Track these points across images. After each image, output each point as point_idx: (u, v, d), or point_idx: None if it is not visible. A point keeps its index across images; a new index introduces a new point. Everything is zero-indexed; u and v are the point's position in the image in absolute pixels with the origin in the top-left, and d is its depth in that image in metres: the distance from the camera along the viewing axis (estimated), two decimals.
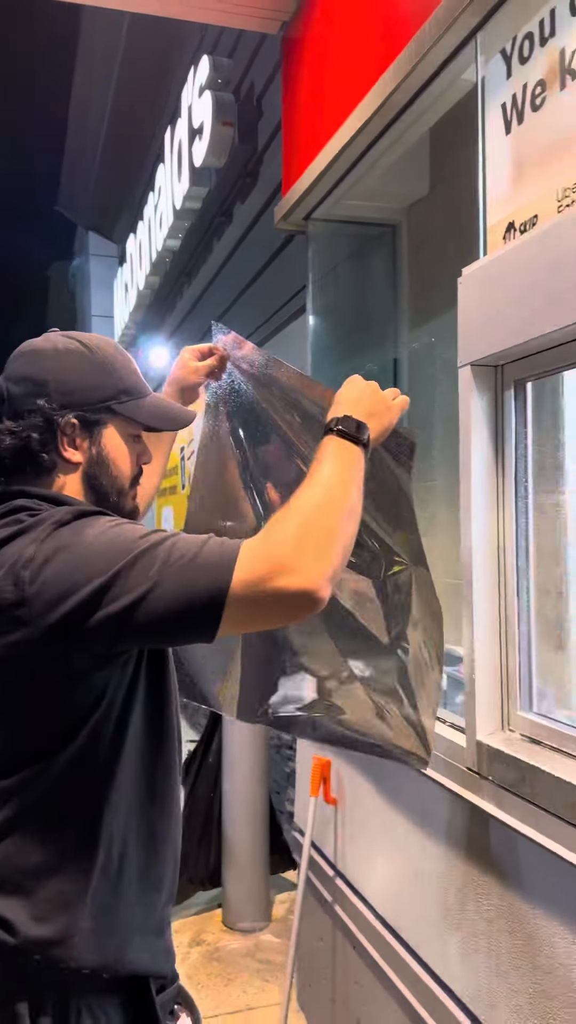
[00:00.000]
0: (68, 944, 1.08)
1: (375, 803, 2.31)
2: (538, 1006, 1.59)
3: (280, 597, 1.00)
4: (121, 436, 1.23)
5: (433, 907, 1.98)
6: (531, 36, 1.69)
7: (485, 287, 1.75)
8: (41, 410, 1.15)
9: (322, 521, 1.05)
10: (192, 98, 5.08)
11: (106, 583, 0.99)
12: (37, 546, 1.03)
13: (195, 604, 0.99)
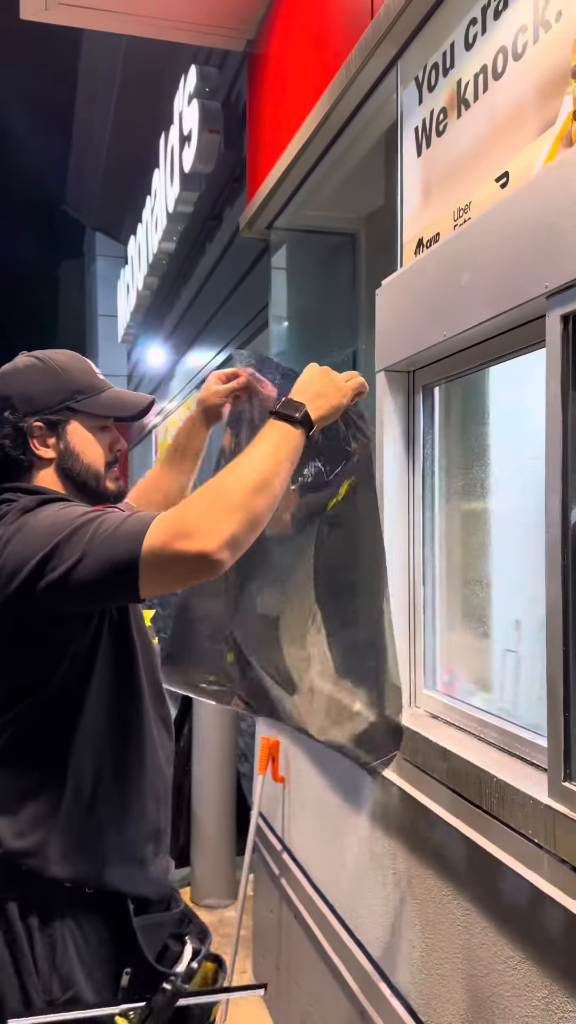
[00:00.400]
0: (43, 856, 1.28)
1: (314, 780, 2.45)
2: (428, 958, 1.74)
3: (180, 559, 1.15)
4: (86, 429, 1.42)
5: (354, 875, 2.13)
6: (437, 66, 1.83)
7: (397, 298, 1.89)
8: (8, 421, 1.36)
9: (229, 493, 1.19)
10: (182, 106, 5.23)
11: (46, 555, 1.18)
12: (5, 528, 1.24)
13: (116, 568, 1.16)
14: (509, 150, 1.56)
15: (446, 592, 1.96)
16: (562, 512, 1.30)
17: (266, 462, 1.26)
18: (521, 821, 1.38)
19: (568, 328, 1.30)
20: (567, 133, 1.38)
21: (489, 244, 1.48)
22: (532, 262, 1.35)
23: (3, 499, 1.34)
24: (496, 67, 1.61)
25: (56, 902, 1.29)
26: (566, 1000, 1.30)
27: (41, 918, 1.28)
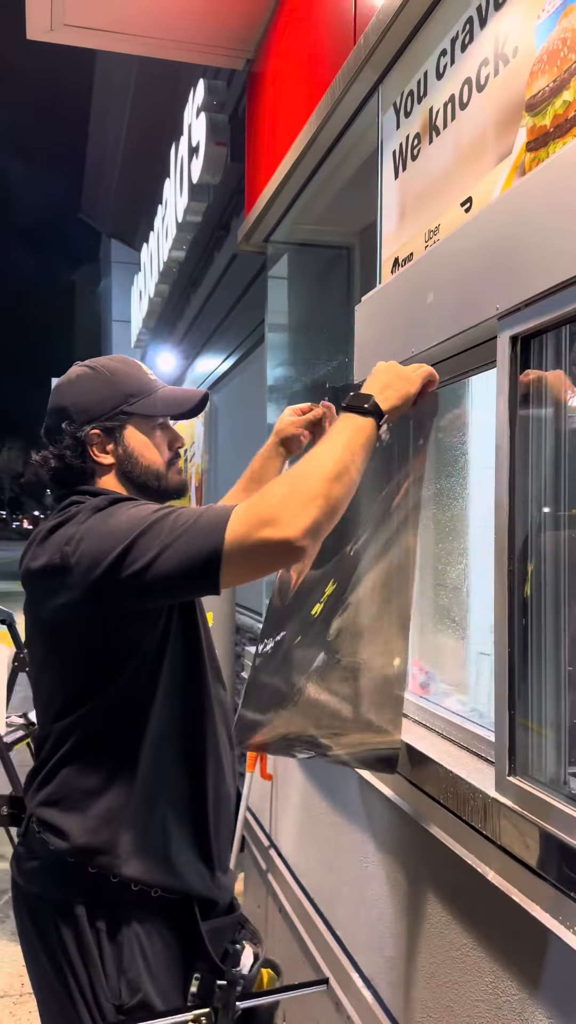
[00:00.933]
0: (113, 854, 1.27)
1: (298, 778, 2.53)
2: (394, 947, 1.81)
3: (264, 547, 1.16)
4: (142, 431, 1.44)
5: (331, 869, 2.21)
6: (412, 93, 1.91)
7: (373, 315, 1.97)
8: (67, 431, 1.40)
9: (308, 481, 1.21)
10: (191, 118, 5.34)
11: (125, 549, 1.19)
12: (77, 527, 1.27)
13: (197, 560, 1.17)
14: (473, 176, 1.64)
15: (423, 596, 2.03)
16: (508, 523, 1.37)
17: (342, 451, 1.27)
18: (470, 814, 1.45)
19: (516, 348, 1.37)
20: (521, 163, 1.46)
21: (450, 266, 1.56)
22: (487, 285, 1.43)
23: (71, 501, 1.37)
24: (463, 97, 1.69)
25: (123, 905, 1.28)
26: (510, 984, 1.37)
27: (108, 921, 1.27)
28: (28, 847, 1.37)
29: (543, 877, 1.26)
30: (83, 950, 1.27)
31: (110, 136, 9.42)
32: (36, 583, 1.34)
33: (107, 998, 1.25)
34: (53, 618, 1.31)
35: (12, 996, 2.84)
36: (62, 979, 1.29)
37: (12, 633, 3.80)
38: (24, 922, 1.37)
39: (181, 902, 1.31)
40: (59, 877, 1.31)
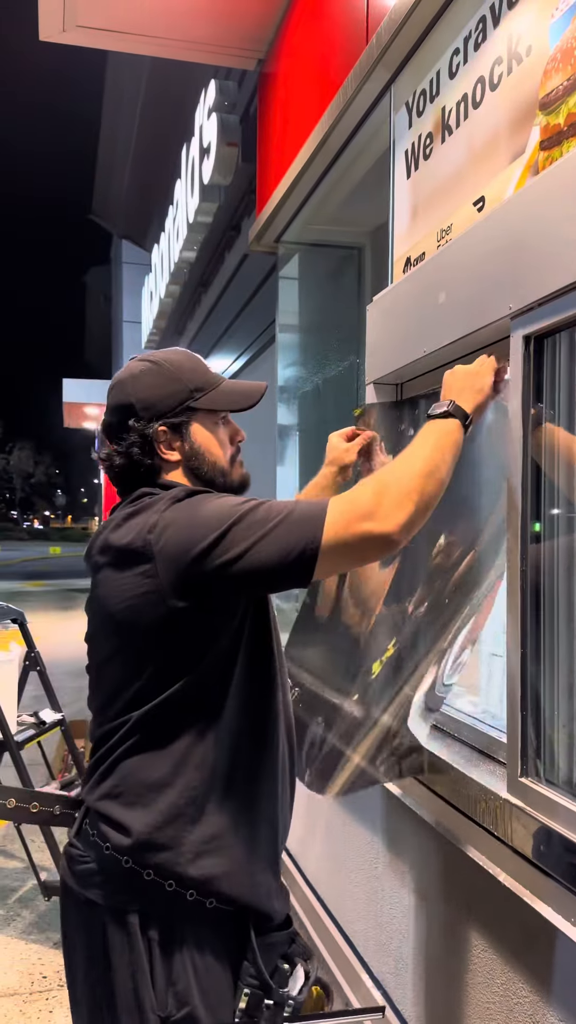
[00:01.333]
0: (176, 851, 1.23)
1: None
2: (403, 947, 1.81)
3: (363, 540, 1.17)
4: (207, 427, 1.41)
5: (340, 869, 2.20)
6: (425, 93, 1.91)
7: (385, 314, 1.97)
8: (133, 429, 1.36)
9: (401, 478, 1.22)
10: (202, 119, 5.35)
11: (217, 538, 1.18)
12: (159, 515, 1.24)
13: (294, 552, 1.16)
14: (486, 175, 1.64)
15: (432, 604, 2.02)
16: (522, 525, 1.37)
17: (431, 451, 1.28)
18: (482, 815, 1.45)
19: (530, 348, 1.37)
20: (534, 162, 1.45)
21: (463, 265, 1.55)
22: (499, 284, 1.42)
23: (142, 493, 1.35)
24: (475, 96, 1.68)
25: (177, 915, 1.24)
26: (522, 986, 1.37)
27: (161, 931, 1.24)
28: (82, 848, 1.33)
29: (555, 879, 1.25)
30: (133, 958, 1.24)
31: (121, 136, 9.45)
32: (110, 570, 1.31)
33: (152, 1009, 1.22)
34: (128, 609, 1.28)
35: (22, 994, 2.85)
36: (106, 985, 1.26)
37: (24, 632, 3.81)
38: (71, 923, 1.34)
39: (235, 914, 1.27)
40: (114, 882, 1.27)
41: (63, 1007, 2.77)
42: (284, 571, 1.19)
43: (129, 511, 1.32)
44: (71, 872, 1.33)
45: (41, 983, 2.91)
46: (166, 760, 1.27)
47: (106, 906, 1.27)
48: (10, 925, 3.32)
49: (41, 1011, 2.74)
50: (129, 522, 1.29)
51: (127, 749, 1.29)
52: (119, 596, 1.28)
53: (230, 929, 1.28)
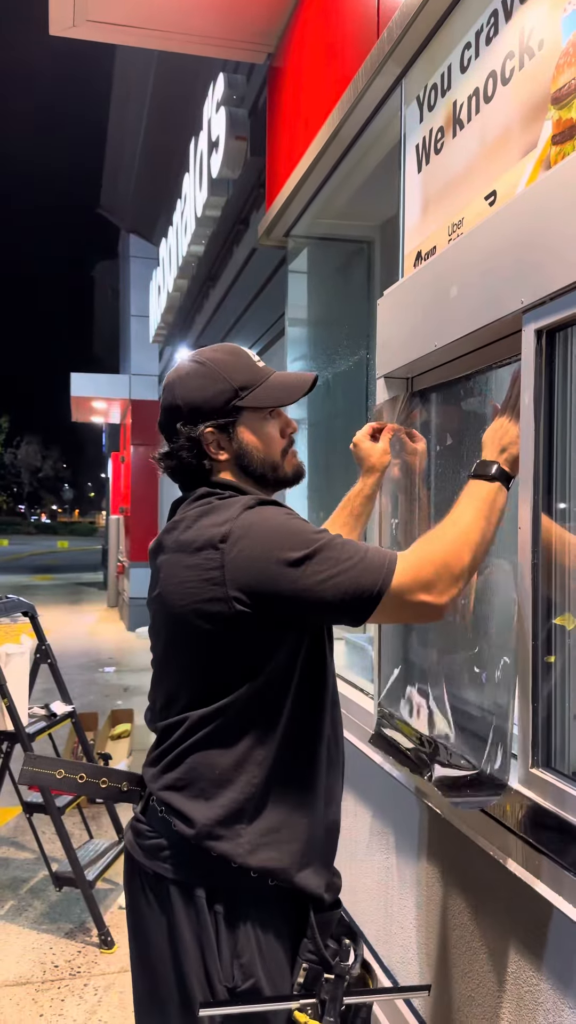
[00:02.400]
0: (236, 843, 1.29)
1: None
2: (415, 938, 1.82)
3: (420, 606, 1.25)
4: (255, 423, 1.42)
5: (352, 860, 2.22)
6: (436, 87, 1.91)
7: (396, 308, 1.97)
8: (182, 432, 1.39)
9: (456, 553, 1.28)
10: (211, 112, 5.34)
11: (294, 563, 1.22)
12: (232, 523, 1.26)
13: (359, 595, 1.22)
14: (497, 170, 1.64)
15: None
16: (532, 519, 1.37)
17: (485, 524, 1.33)
18: (494, 806, 1.46)
19: (541, 342, 1.37)
20: (546, 156, 1.46)
21: (475, 259, 1.56)
22: (511, 278, 1.43)
23: (205, 492, 1.37)
24: (487, 90, 1.69)
25: (241, 892, 1.31)
26: (532, 975, 1.38)
27: (227, 905, 1.30)
28: (150, 824, 1.38)
29: (567, 869, 1.26)
30: (201, 931, 1.30)
31: (129, 130, 9.44)
32: (177, 570, 1.33)
33: (220, 979, 1.28)
34: (192, 612, 1.30)
35: (34, 983, 2.88)
36: (175, 956, 1.32)
37: (35, 625, 3.84)
38: (137, 896, 1.39)
39: (294, 892, 1.34)
40: (181, 859, 1.33)
41: (75, 996, 2.80)
42: (344, 609, 1.24)
43: (198, 511, 1.34)
44: (138, 846, 1.39)
45: (53, 972, 2.94)
46: (228, 758, 1.31)
47: (173, 880, 1.32)
48: (22, 915, 3.35)
49: (53, 1000, 2.77)
50: (199, 522, 1.31)
51: (191, 745, 1.33)
52: (184, 598, 1.30)
53: (289, 907, 1.34)
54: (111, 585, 15.43)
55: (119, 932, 3.18)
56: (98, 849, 3.54)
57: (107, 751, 5.07)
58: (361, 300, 3.27)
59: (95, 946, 3.12)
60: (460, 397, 1.99)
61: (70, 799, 3.40)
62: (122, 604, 13.20)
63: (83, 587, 19.78)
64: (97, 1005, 2.76)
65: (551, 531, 1.40)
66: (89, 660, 9.46)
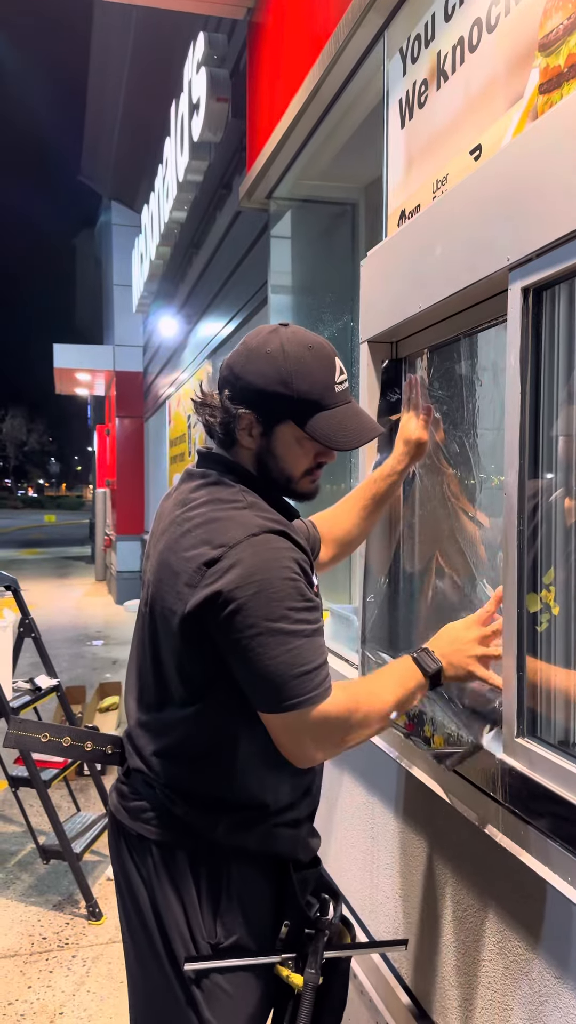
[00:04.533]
0: (212, 831, 1.31)
1: None
2: (400, 909, 1.82)
3: (296, 749, 1.26)
4: (294, 437, 1.33)
5: (339, 829, 2.21)
6: (419, 38, 1.84)
7: (379, 270, 1.92)
8: (223, 400, 1.34)
9: (357, 733, 1.29)
10: (191, 74, 5.20)
11: (260, 630, 1.19)
12: (226, 552, 1.21)
13: (272, 695, 1.21)
14: (483, 122, 1.58)
15: (431, 560, 2.00)
16: (519, 483, 1.34)
17: (393, 710, 1.32)
18: (478, 776, 1.44)
19: (528, 300, 1.33)
20: (533, 107, 1.40)
21: (459, 217, 1.51)
22: (497, 235, 1.38)
23: (216, 478, 1.34)
24: (472, 39, 1.62)
25: (222, 852, 1.33)
26: (517, 944, 1.37)
27: (209, 866, 1.32)
28: (132, 786, 1.40)
29: (550, 837, 1.25)
30: (183, 891, 1.32)
31: (109, 95, 9.22)
32: (168, 575, 1.29)
33: (203, 936, 1.31)
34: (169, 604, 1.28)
35: (22, 955, 2.88)
36: (158, 914, 1.34)
37: (17, 599, 3.80)
38: (123, 857, 1.40)
39: (275, 856, 1.37)
40: (163, 821, 1.34)
41: (63, 967, 2.80)
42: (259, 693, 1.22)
43: (202, 511, 1.29)
44: (122, 808, 1.41)
45: (41, 944, 2.94)
46: (205, 755, 1.32)
47: (155, 840, 1.34)
48: (9, 888, 3.35)
49: (41, 971, 2.77)
50: (199, 532, 1.26)
51: (177, 720, 1.33)
52: (165, 586, 1.29)
53: (271, 865, 1.36)
54: (99, 559, 15.38)
55: (107, 904, 3.18)
56: (85, 822, 3.54)
57: (95, 724, 5.06)
58: (346, 265, 3.21)
59: (83, 918, 3.13)
60: (447, 361, 1.95)
61: (56, 772, 3.39)
62: (110, 578, 13.16)
63: (71, 561, 19.72)
64: (85, 976, 2.76)
65: None
66: (77, 634, 9.43)
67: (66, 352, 12.41)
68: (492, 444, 1.68)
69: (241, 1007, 1.34)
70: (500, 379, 1.65)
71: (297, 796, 1.39)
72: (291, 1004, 1.33)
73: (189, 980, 1.31)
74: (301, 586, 1.23)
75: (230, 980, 1.32)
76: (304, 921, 1.37)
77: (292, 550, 1.26)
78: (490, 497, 1.76)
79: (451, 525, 1.85)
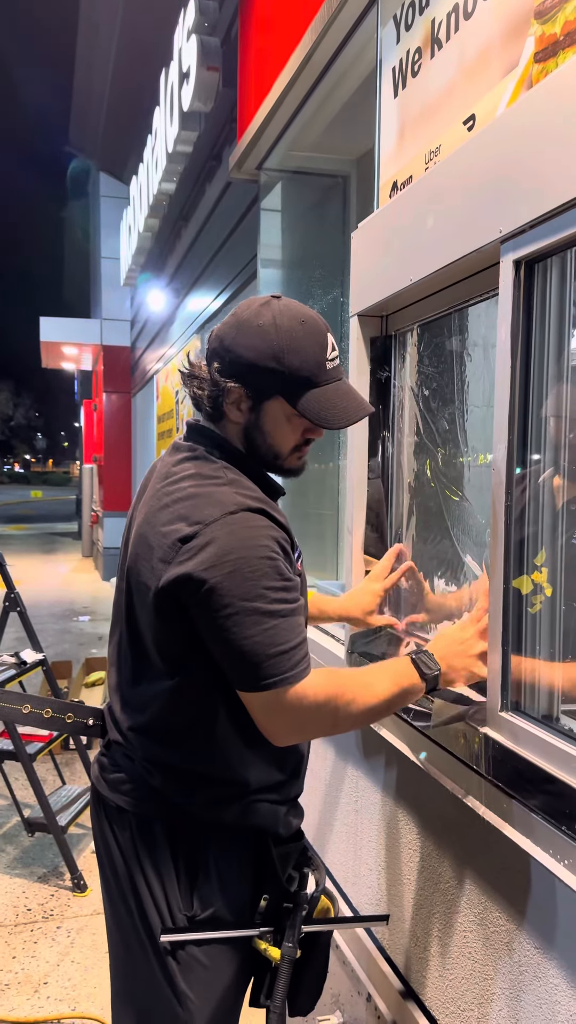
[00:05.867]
0: (190, 804, 1.32)
1: None
2: (382, 880, 1.83)
3: (271, 727, 1.24)
4: (283, 413, 1.31)
5: (323, 803, 2.22)
6: (414, 4, 1.80)
7: (370, 242, 1.89)
8: (212, 372, 1.30)
9: (337, 720, 1.27)
10: (182, 42, 5.11)
11: (235, 609, 1.17)
12: (202, 528, 1.20)
13: (248, 673, 1.19)
14: (477, 92, 1.56)
15: (421, 541, 2.00)
16: (507, 460, 1.33)
17: (384, 711, 1.32)
18: (462, 749, 1.45)
19: (520, 273, 1.31)
20: (528, 75, 1.38)
21: (452, 188, 1.48)
22: (489, 206, 1.36)
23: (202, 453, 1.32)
24: (467, 6, 1.59)
25: (200, 827, 1.33)
26: (499, 915, 1.38)
27: (186, 839, 1.32)
28: (112, 758, 1.40)
29: (534, 811, 1.25)
30: (160, 863, 1.32)
31: (97, 62, 9.05)
32: (144, 549, 1.28)
33: (179, 908, 1.32)
34: (143, 579, 1.28)
35: (7, 926, 2.89)
36: (134, 885, 1.34)
37: (3, 574, 3.78)
38: (103, 828, 1.41)
39: (255, 830, 1.37)
40: (142, 793, 1.34)
41: (47, 938, 2.82)
42: (237, 671, 1.21)
43: (184, 486, 1.27)
44: (102, 779, 1.41)
45: (25, 915, 2.96)
46: (186, 727, 1.31)
47: (134, 812, 1.35)
48: None
49: (26, 942, 2.79)
50: (178, 506, 1.25)
51: (157, 693, 1.32)
52: (142, 560, 1.29)
53: (250, 839, 1.37)
54: (85, 535, 15.34)
55: (92, 876, 3.20)
56: (70, 795, 3.55)
57: (81, 699, 5.06)
58: (336, 238, 3.17)
59: (68, 890, 3.14)
60: (437, 336, 1.93)
61: (42, 745, 3.39)
62: (96, 554, 13.13)
63: (57, 537, 19.65)
64: (70, 947, 2.78)
65: None
66: (64, 609, 9.42)
67: (53, 325, 12.28)
68: (482, 420, 1.67)
69: (217, 979, 1.34)
70: (490, 355, 1.64)
71: (284, 777, 1.38)
72: (268, 977, 1.34)
73: (165, 951, 1.31)
74: (279, 565, 1.21)
75: (207, 952, 1.33)
76: (284, 895, 1.37)
77: (271, 527, 1.24)
78: (478, 475, 1.76)
79: (438, 504, 1.84)
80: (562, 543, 1.34)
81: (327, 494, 3.04)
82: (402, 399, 1.96)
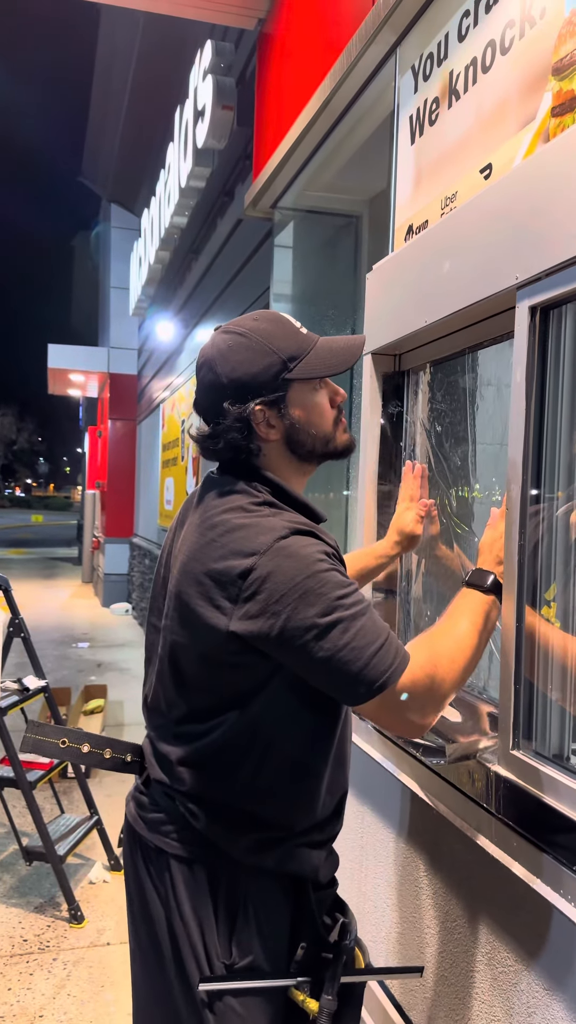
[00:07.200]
0: (233, 847, 1.28)
1: None
2: (389, 918, 1.82)
3: (404, 723, 1.21)
4: (305, 395, 1.32)
5: None
6: (432, 56, 1.86)
7: (386, 282, 1.94)
8: (229, 412, 1.28)
9: (451, 675, 1.23)
10: (197, 81, 5.23)
11: (311, 627, 1.14)
12: (259, 559, 1.17)
13: (359, 681, 1.15)
14: (494, 142, 1.61)
15: (429, 572, 2.02)
16: (521, 500, 1.35)
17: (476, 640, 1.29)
18: (473, 787, 1.45)
19: (535, 319, 1.35)
20: (545, 129, 1.42)
21: (468, 234, 1.53)
22: (506, 254, 1.40)
23: (239, 495, 1.29)
24: (485, 60, 1.65)
25: (241, 870, 1.29)
26: (507, 955, 1.38)
27: (227, 884, 1.28)
28: (151, 797, 1.35)
29: (544, 849, 1.26)
30: (200, 908, 1.28)
31: (113, 98, 9.25)
32: (191, 586, 1.25)
33: (218, 956, 1.27)
34: (192, 628, 1.25)
35: (2, 957, 2.86)
36: (172, 930, 1.30)
37: (8, 599, 3.78)
38: (138, 869, 1.37)
39: (295, 877, 1.32)
40: (183, 835, 1.30)
41: (43, 970, 2.79)
42: (342, 690, 1.18)
43: (228, 519, 1.25)
44: (140, 819, 1.36)
45: (21, 946, 2.92)
46: (230, 772, 1.27)
47: (174, 854, 1.30)
48: None
49: (21, 974, 2.75)
50: (226, 539, 1.22)
51: (200, 732, 1.28)
52: (194, 599, 1.24)
53: (289, 884, 1.32)
54: (86, 560, 15.33)
55: (89, 907, 3.17)
56: (69, 824, 3.52)
57: (79, 726, 5.04)
58: (348, 276, 3.23)
59: (65, 921, 3.11)
60: (450, 375, 1.97)
61: (42, 773, 3.38)
62: (97, 580, 13.11)
63: (57, 562, 19.64)
64: (66, 979, 2.75)
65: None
66: (63, 635, 9.40)
67: (61, 352, 12.39)
68: (495, 458, 1.70)
69: None
70: (503, 394, 1.67)
71: (325, 815, 1.35)
72: None
73: (202, 1002, 1.26)
74: (338, 574, 1.20)
75: (243, 1002, 1.27)
76: (320, 943, 1.32)
77: (320, 544, 1.23)
78: (488, 512, 1.78)
79: (448, 539, 1.86)
80: (573, 579, 1.36)
81: (335, 526, 3.06)
82: (414, 434, 1.99)
